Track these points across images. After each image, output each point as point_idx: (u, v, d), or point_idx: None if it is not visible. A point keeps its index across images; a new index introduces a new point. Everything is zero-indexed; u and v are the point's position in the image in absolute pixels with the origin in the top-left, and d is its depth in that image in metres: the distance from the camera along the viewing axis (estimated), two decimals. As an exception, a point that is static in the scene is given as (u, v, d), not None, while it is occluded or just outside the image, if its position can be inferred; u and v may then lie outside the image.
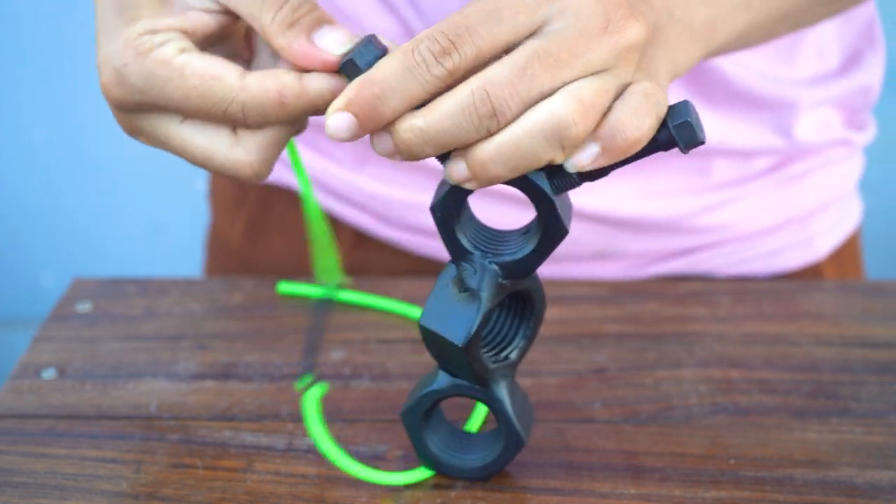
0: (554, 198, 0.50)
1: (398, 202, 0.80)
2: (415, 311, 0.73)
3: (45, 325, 0.73)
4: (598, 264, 0.81)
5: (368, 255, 0.83)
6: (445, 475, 0.59)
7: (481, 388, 0.56)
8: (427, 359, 0.69)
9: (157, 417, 0.64)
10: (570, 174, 0.50)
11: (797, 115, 0.79)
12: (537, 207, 0.51)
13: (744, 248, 0.83)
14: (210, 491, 0.58)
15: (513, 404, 0.57)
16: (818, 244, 0.86)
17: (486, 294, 0.53)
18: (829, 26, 0.81)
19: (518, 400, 0.58)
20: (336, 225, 0.83)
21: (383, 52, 0.49)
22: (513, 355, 0.56)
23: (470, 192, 0.51)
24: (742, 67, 0.76)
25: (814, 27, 0.78)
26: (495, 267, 0.53)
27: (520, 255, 0.53)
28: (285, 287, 0.76)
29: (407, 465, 0.59)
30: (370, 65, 0.49)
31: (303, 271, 0.79)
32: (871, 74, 0.84)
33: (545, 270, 0.77)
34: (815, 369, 0.68)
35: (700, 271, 0.83)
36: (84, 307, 0.75)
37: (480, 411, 0.63)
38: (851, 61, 0.82)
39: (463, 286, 0.54)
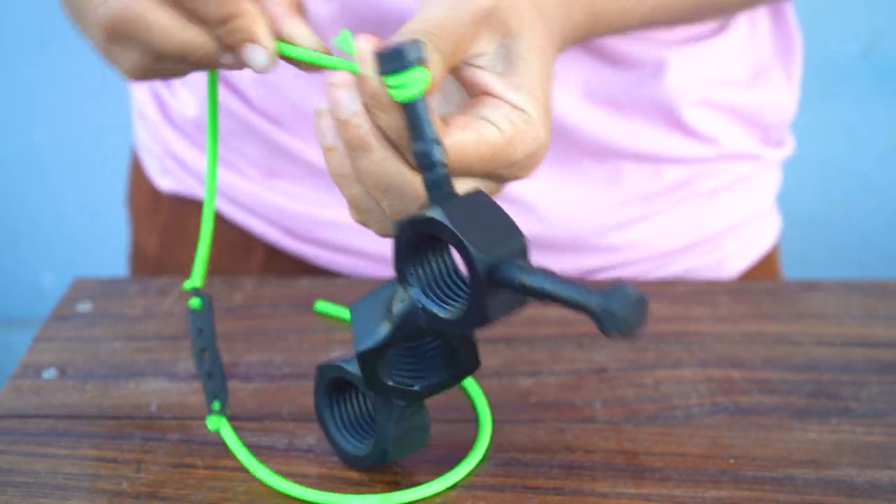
0: (486, 286, 0.48)
1: (308, 217, 0.79)
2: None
3: (45, 325, 0.73)
4: None
5: (280, 271, 0.82)
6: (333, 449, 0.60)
7: (373, 394, 0.56)
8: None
9: (158, 417, 0.64)
10: (512, 277, 0.47)
11: (705, 118, 0.79)
12: (472, 292, 0.49)
13: (652, 268, 0.82)
14: (210, 491, 0.58)
15: (397, 425, 0.56)
16: (729, 266, 0.85)
17: (398, 326, 0.52)
18: (737, 41, 0.80)
19: (407, 425, 0.57)
20: (247, 239, 0.83)
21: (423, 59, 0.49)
22: (417, 387, 0.56)
23: (434, 237, 0.50)
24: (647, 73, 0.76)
25: (725, 34, 0.78)
26: (421, 308, 0.51)
27: (441, 315, 0.51)
28: (322, 307, 0.75)
29: (410, 464, 0.59)
30: (400, 67, 0.49)
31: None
32: (782, 92, 0.83)
33: None
34: (815, 369, 0.68)
35: None
36: (84, 307, 0.75)
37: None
38: (758, 77, 0.81)
39: (387, 306, 0.53)
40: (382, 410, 0.56)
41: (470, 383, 0.65)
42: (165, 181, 0.86)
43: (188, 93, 0.81)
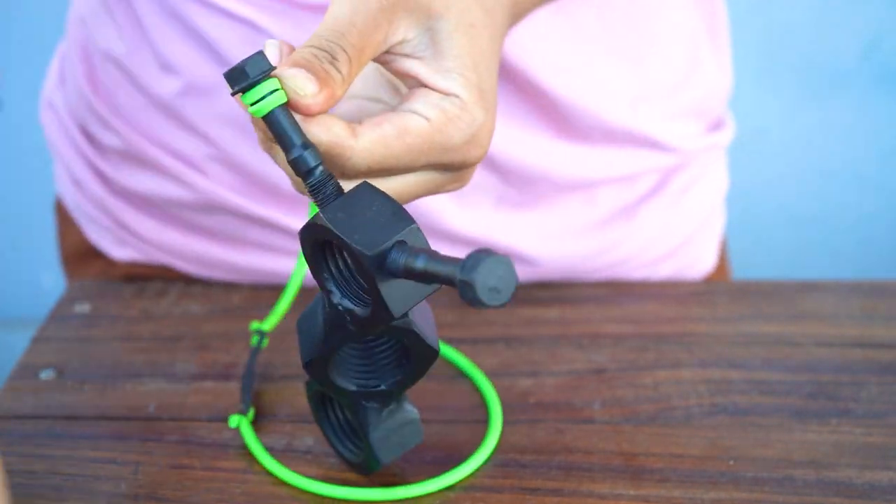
0: (376, 277, 0.47)
1: (283, 273, 0.79)
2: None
3: (43, 326, 0.73)
4: None
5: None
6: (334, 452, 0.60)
7: (346, 402, 0.56)
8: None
9: (156, 418, 0.64)
10: (399, 261, 0.46)
11: (669, 128, 0.79)
12: (368, 286, 0.48)
13: (641, 278, 0.82)
14: (209, 492, 0.58)
15: (376, 428, 0.56)
16: (706, 257, 0.86)
17: (328, 332, 0.52)
18: (671, 34, 0.79)
19: (390, 424, 0.57)
20: (232, 286, 0.81)
21: (269, 70, 0.48)
22: (383, 386, 0.55)
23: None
24: (604, 102, 0.75)
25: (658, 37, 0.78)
26: (343, 310, 0.51)
27: (359, 312, 0.50)
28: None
29: (409, 465, 0.59)
30: (245, 86, 0.48)
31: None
32: (716, 71, 0.82)
33: None
34: (814, 370, 0.68)
35: None
36: (83, 308, 0.75)
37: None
38: (694, 62, 0.80)
39: (321, 315, 0.53)
40: (360, 416, 0.56)
41: (483, 384, 0.66)
42: (122, 252, 0.83)
43: (127, 163, 0.79)
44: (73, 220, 0.87)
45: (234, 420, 0.62)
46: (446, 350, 0.69)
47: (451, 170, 0.53)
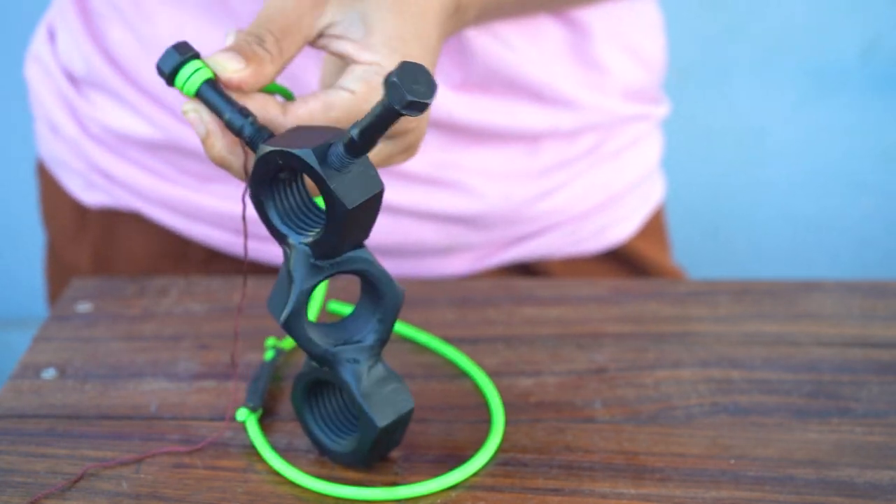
0: (322, 172, 0.50)
1: (249, 218, 0.80)
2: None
3: (45, 326, 0.73)
4: (442, 260, 0.84)
5: (222, 270, 0.83)
6: (325, 456, 0.60)
7: (329, 370, 0.57)
8: (426, 359, 0.69)
9: (158, 417, 0.64)
10: (338, 149, 0.50)
11: (605, 98, 0.83)
12: (317, 186, 0.51)
13: (574, 229, 0.87)
14: (210, 491, 0.58)
15: (362, 387, 0.56)
16: (633, 217, 0.91)
17: (298, 276, 0.54)
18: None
19: (377, 384, 0.57)
20: (184, 244, 0.83)
21: (192, 55, 0.54)
22: (368, 339, 0.57)
23: (277, 168, 0.52)
24: (547, 74, 0.79)
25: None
26: (306, 248, 0.54)
27: (319, 237, 0.53)
28: (335, 306, 0.75)
29: (409, 465, 0.60)
30: (173, 69, 0.54)
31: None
32: (632, 67, 0.86)
33: (391, 267, 0.79)
34: (815, 369, 0.68)
35: (538, 255, 0.87)
36: (84, 307, 0.75)
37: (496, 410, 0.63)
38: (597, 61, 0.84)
39: (287, 274, 0.55)
40: (346, 381, 0.56)
41: (485, 383, 0.66)
42: (93, 196, 0.85)
43: (106, 99, 0.80)
44: (49, 173, 0.89)
45: (242, 414, 0.62)
46: (447, 350, 0.69)
47: (390, 138, 0.57)
